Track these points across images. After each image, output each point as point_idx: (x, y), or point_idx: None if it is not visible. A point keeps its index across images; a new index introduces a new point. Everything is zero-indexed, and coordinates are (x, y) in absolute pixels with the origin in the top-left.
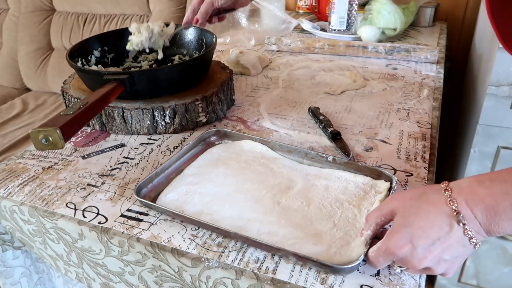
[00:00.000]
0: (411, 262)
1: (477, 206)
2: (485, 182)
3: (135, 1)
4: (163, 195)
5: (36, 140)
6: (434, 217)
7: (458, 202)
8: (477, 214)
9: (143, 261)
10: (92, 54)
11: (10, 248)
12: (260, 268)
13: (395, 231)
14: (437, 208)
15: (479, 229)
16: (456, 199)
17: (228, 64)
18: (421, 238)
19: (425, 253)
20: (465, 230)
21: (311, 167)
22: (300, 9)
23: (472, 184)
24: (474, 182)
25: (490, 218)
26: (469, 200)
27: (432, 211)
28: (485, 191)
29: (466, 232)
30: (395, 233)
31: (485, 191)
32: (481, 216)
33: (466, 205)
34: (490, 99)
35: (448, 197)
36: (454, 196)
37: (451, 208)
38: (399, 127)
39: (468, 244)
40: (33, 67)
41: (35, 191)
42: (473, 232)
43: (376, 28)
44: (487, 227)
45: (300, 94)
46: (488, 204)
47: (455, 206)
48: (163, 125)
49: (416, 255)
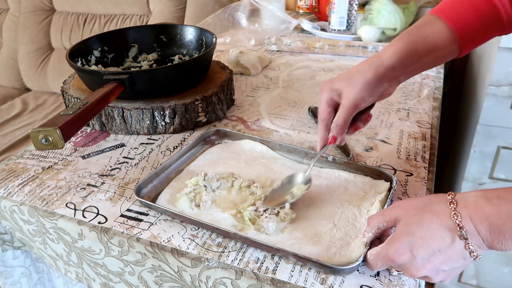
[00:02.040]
0: (409, 270)
1: (482, 223)
2: (493, 199)
3: (135, 1)
4: (163, 195)
5: (36, 140)
6: (436, 228)
7: (462, 216)
8: (480, 231)
9: (143, 261)
10: (92, 54)
11: (10, 248)
12: (260, 268)
13: (396, 238)
14: (440, 220)
15: (481, 244)
16: (461, 213)
17: (228, 64)
18: (422, 248)
19: (424, 263)
20: (467, 245)
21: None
22: (300, 9)
23: (479, 199)
24: (482, 198)
25: (493, 236)
26: (474, 216)
27: (435, 222)
28: (492, 209)
29: (468, 247)
30: (396, 240)
31: (492, 209)
32: (484, 233)
33: (470, 220)
34: (490, 99)
35: (453, 210)
36: (458, 210)
37: (454, 222)
38: (399, 127)
39: (469, 257)
40: (33, 67)
41: (35, 191)
42: (475, 247)
43: (376, 28)
44: (490, 243)
45: (300, 94)
46: (493, 223)
47: (459, 221)
48: (163, 125)
49: (414, 264)
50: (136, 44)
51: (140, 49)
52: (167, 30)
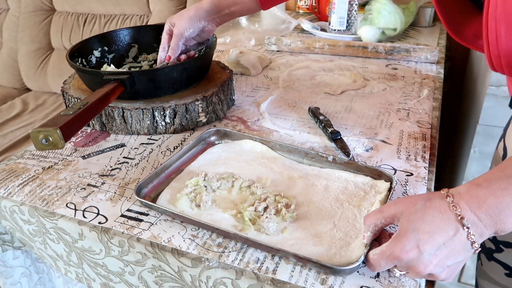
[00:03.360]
0: (417, 267)
1: (481, 208)
2: (482, 183)
3: (135, 1)
4: (163, 195)
5: (36, 140)
6: (439, 222)
7: (461, 206)
8: (481, 217)
9: (143, 261)
10: (92, 54)
11: (10, 248)
12: (260, 268)
13: (402, 235)
14: (442, 214)
15: (482, 232)
16: (459, 204)
17: (228, 64)
18: (428, 243)
19: (431, 258)
20: (469, 234)
21: (311, 167)
22: (300, 9)
23: (470, 188)
24: (472, 185)
25: (495, 217)
26: (471, 204)
27: (437, 217)
28: (485, 191)
29: (470, 236)
30: (402, 237)
31: (485, 191)
32: (485, 218)
33: (469, 209)
34: (490, 99)
35: (451, 203)
36: (456, 201)
37: (455, 213)
38: (399, 127)
39: (470, 248)
40: (33, 67)
41: (35, 191)
42: (476, 236)
43: (376, 28)
44: (493, 226)
45: (300, 94)
46: (491, 204)
47: (459, 211)
48: (163, 125)
49: (422, 260)
50: (136, 44)
51: (140, 49)
52: None
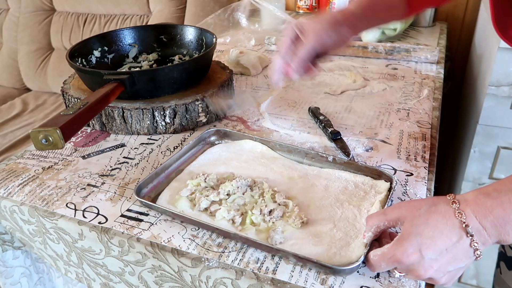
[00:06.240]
0: (417, 271)
1: (487, 217)
2: (492, 193)
3: (135, 1)
4: (163, 195)
5: (36, 140)
6: (443, 228)
7: (466, 214)
8: (486, 226)
9: (143, 261)
10: (92, 54)
11: (10, 248)
12: (260, 268)
13: (404, 238)
14: (446, 220)
15: (485, 240)
16: (464, 211)
17: (228, 64)
18: (430, 247)
19: (432, 263)
20: (472, 242)
21: (311, 167)
22: (300, 9)
23: (478, 196)
24: (480, 194)
25: (500, 228)
26: (477, 213)
27: (441, 222)
28: (493, 202)
29: (473, 244)
30: (405, 240)
31: (494, 202)
32: (490, 228)
33: (474, 217)
34: (490, 99)
35: (456, 209)
36: (462, 208)
37: (459, 220)
38: (399, 127)
39: (472, 255)
40: (33, 67)
41: (35, 191)
42: (479, 244)
43: (376, 28)
44: (497, 237)
45: (300, 94)
46: (498, 215)
47: (464, 218)
48: (163, 125)
49: (422, 264)
50: (136, 44)
51: (140, 49)
52: (167, 30)
